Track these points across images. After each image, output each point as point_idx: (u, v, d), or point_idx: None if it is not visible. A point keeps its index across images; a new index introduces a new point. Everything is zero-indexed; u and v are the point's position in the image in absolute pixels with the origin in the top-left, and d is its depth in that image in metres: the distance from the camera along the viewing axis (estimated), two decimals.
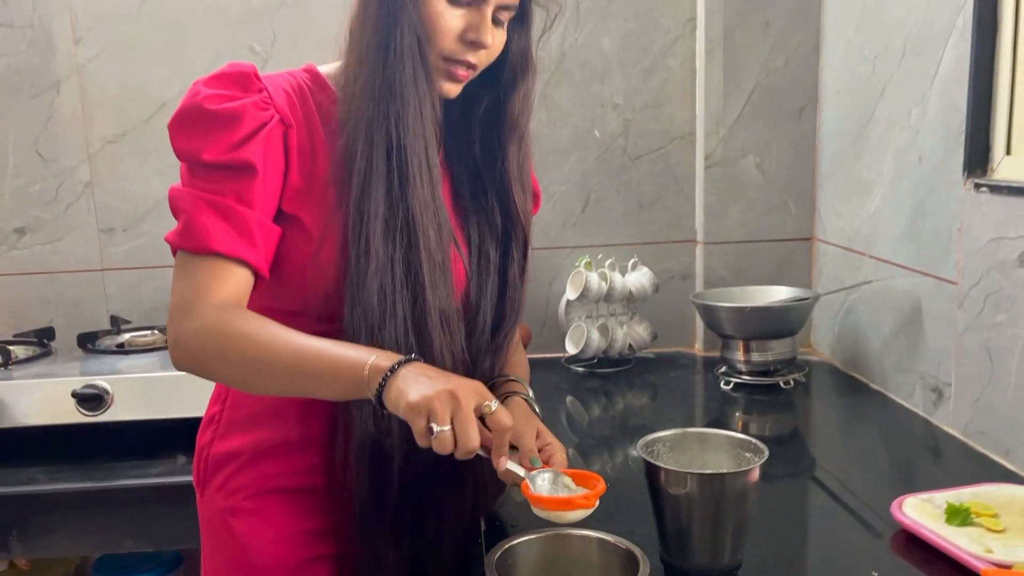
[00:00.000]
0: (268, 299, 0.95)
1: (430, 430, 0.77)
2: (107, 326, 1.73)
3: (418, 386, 0.79)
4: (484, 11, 0.92)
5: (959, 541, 0.92)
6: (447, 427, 0.77)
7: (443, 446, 0.78)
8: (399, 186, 0.91)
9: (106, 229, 1.78)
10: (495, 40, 0.94)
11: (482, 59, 0.95)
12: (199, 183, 0.90)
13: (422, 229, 0.92)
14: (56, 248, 1.77)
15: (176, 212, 0.91)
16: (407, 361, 0.82)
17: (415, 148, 0.92)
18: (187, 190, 0.90)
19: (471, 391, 0.80)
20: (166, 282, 1.77)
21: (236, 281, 0.90)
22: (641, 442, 0.93)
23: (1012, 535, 0.93)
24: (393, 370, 0.81)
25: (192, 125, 0.90)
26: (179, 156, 0.92)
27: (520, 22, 0.98)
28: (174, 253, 0.92)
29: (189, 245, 0.89)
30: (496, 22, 0.94)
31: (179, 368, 0.91)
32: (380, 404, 0.81)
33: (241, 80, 0.92)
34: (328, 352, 0.85)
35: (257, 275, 0.91)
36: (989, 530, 0.94)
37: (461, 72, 0.94)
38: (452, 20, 0.91)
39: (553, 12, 1.01)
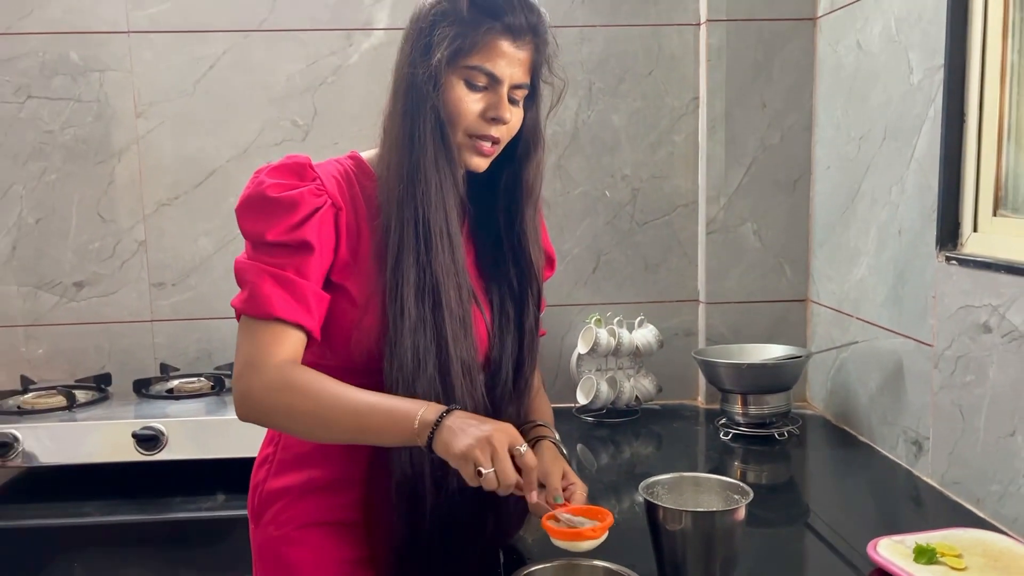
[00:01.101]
0: (320, 356, 1.07)
1: (479, 473, 0.91)
2: (154, 373, 1.87)
3: (461, 438, 0.92)
4: (500, 91, 1.05)
5: None
6: (491, 469, 0.91)
7: (490, 484, 0.92)
8: (425, 253, 1.04)
9: (156, 284, 1.93)
10: (513, 116, 1.08)
11: (503, 133, 1.08)
12: (263, 257, 1.02)
13: (444, 289, 1.05)
14: (111, 300, 1.92)
15: (241, 282, 1.03)
16: (448, 412, 0.95)
17: (436, 219, 1.05)
18: (252, 263, 1.02)
19: (504, 435, 0.93)
20: (209, 333, 1.95)
21: (294, 342, 1.02)
22: (642, 484, 1.06)
23: (972, 573, 1.05)
24: (438, 423, 0.94)
25: (257, 210, 1.03)
26: (245, 235, 1.05)
27: (531, 100, 1.12)
28: (238, 317, 1.04)
29: (254, 311, 1.01)
30: (512, 100, 1.07)
31: (245, 420, 1.02)
32: (431, 452, 0.95)
33: (298, 170, 1.05)
34: (382, 407, 0.98)
35: (310, 336, 1.04)
36: (952, 568, 1.06)
37: (486, 148, 1.08)
38: (472, 103, 1.05)
39: (559, 88, 1.14)
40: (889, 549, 1.11)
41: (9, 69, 1.85)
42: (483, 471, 0.91)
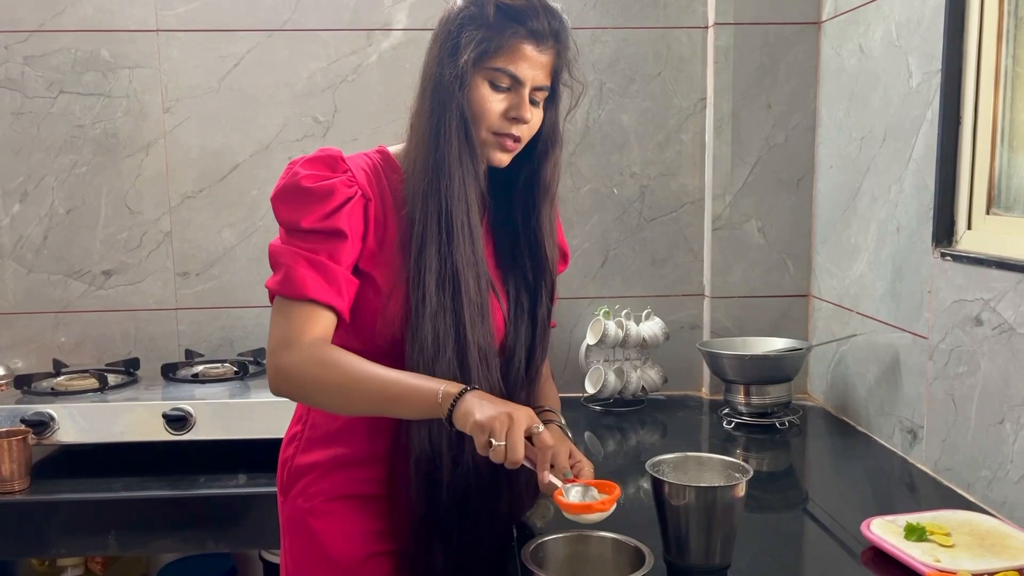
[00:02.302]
0: (346, 339, 1.13)
1: (489, 443, 0.97)
2: (179, 358, 1.94)
3: (482, 409, 0.98)
4: (522, 93, 1.11)
5: (913, 553, 1.09)
6: (503, 442, 0.96)
7: (497, 456, 0.97)
8: (447, 244, 1.11)
9: (181, 273, 2.00)
10: (533, 116, 1.14)
11: (524, 132, 1.14)
12: (297, 242, 1.08)
13: (464, 278, 1.11)
14: (137, 289, 1.99)
15: (275, 265, 1.09)
16: (469, 390, 1.01)
17: (459, 213, 1.11)
18: (287, 247, 1.09)
19: (524, 416, 0.99)
20: (231, 321, 2.03)
21: (325, 322, 1.08)
22: (649, 462, 1.12)
23: (959, 550, 1.11)
24: (460, 395, 1.00)
25: (292, 199, 1.09)
26: (280, 223, 1.11)
27: (551, 101, 1.18)
28: (271, 299, 1.10)
29: (288, 292, 1.07)
30: (532, 102, 1.13)
31: (278, 394, 1.09)
32: (449, 423, 1.00)
33: (330, 163, 1.12)
34: (406, 381, 1.04)
35: (340, 318, 1.10)
36: (940, 545, 1.12)
37: (509, 144, 1.14)
38: (495, 103, 1.11)
39: (578, 91, 1.19)
40: (881, 527, 1.17)
41: (42, 65, 1.92)
42: (494, 442, 0.96)
